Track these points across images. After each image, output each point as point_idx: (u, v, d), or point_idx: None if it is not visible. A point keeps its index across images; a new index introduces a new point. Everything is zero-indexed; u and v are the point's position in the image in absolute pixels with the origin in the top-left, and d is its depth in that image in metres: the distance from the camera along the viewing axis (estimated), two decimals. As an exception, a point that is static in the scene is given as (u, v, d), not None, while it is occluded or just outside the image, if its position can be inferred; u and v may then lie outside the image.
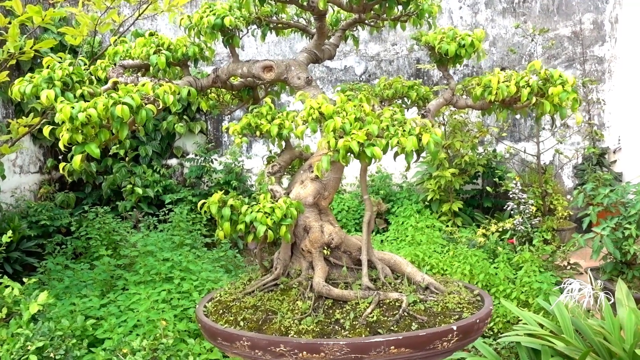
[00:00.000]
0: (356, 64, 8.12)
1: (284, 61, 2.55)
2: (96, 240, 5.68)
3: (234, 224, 2.19)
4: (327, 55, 2.73)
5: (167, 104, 2.19)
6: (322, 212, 2.56)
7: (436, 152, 2.04)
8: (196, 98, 2.49)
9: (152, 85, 2.20)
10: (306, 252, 2.51)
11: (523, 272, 4.92)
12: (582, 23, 7.84)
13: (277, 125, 2.42)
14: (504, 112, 2.39)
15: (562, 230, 7.05)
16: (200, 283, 4.47)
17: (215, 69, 2.63)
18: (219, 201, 2.16)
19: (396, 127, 2.07)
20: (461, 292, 2.55)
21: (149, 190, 7.46)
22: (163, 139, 8.11)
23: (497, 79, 2.26)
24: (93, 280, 4.56)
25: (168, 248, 5.22)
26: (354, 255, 2.59)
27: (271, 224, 2.13)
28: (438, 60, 2.50)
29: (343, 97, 2.22)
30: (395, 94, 2.78)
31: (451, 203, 7.04)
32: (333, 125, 2.06)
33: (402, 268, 2.57)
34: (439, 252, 5.82)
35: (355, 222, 7.14)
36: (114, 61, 2.65)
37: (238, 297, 2.53)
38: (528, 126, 7.97)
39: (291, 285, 2.48)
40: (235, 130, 2.50)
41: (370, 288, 2.39)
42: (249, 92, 2.85)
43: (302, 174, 2.57)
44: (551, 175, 7.35)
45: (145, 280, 4.50)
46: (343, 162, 2.08)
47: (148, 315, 3.64)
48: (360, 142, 2.01)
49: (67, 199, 7.24)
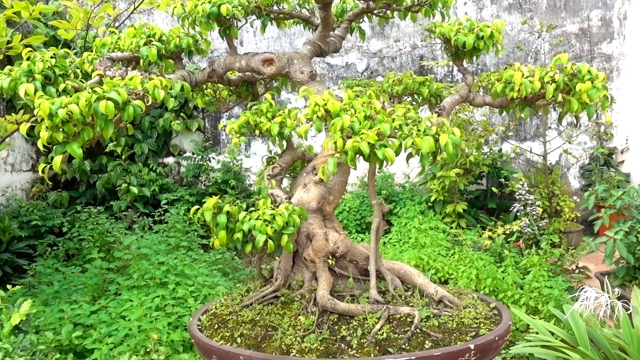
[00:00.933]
0: (358, 60, 7.91)
1: (285, 54, 2.34)
2: (89, 242, 5.47)
3: (230, 232, 1.98)
4: (332, 48, 2.52)
5: (157, 100, 1.99)
6: (327, 218, 2.35)
7: (454, 154, 1.84)
8: (190, 94, 2.29)
9: (141, 79, 2.00)
10: (309, 261, 2.31)
11: (531, 277, 4.74)
12: (590, 20, 7.64)
13: (278, 124, 2.21)
14: (525, 110, 2.18)
15: (569, 233, 6.86)
16: (197, 288, 4.27)
17: (212, 62, 2.43)
18: (214, 207, 1.96)
19: (410, 126, 1.87)
20: (477, 305, 2.36)
21: (145, 189, 7.25)
22: (159, 137, 7.90)
23: (520, 74, 2.05)
24: (84, 285, 4.35)
25: (163, 251, 5.01)
26: (361, 265, 2.39)
27: (272, 232, 1.93)
28: (454, 54, 2.29)
29: (351, 94, 2.02)
30: (405, 90, 2.57)
31: (455, 204, 6.84)
32: (340, 124, 1.86)
33: (413, 279, 2.37)
34: (443, 255, 5.63)
35: (357, 224, 6.93)
36: (101, 53, 2.45)
37: (235, 309, 2.33)
38: (534, 125, 7.77)
39: (293, 297, 2.28)
40: (232, 129, 2.30)
41: (379, 301, 2.19)
42: (248, 88, 2.64)
43: (305, 176, 2.37)
44: (558, 175, 7.15)
45: (139, 285, 4.30)
46: (351, 165, 1.88)
47: (140, 324, 3.43)
48: (371, 142, 1.81)
49: (60, 198, 7.03)
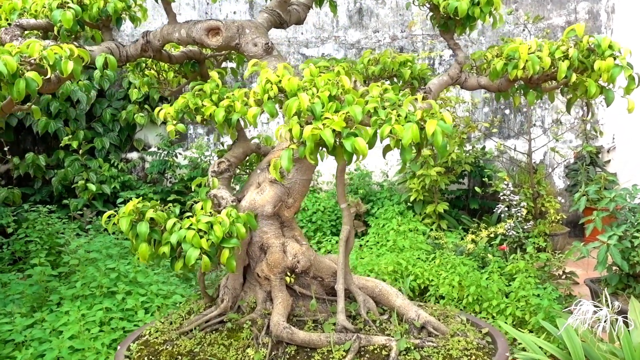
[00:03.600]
0: (334, 51, 7.48)
1: (235, 22, 1.89)
2: (36, 244, 4.96)
3: (156, 245, 1.54)
4: (295, 18, 2.07)
5: (63, 74, 1.53)
6: (285, 225, 1.92)
7: (444, 146, 1.42)
8: (116, 70, 1.84)
9: (42, 46, 1.54)
10: (263, 278, 1.87)
11: (518, 284, 4.37)
12: (577, 12, 7.32)
13: (225, 108, 1.77)
14: (530, 94, 1.76)
15: (555, 235, 6.52)
16: (149, 298, 3.81)
17: (146, 32, 1.97)
18: (134, 212, 1.51)
19: (388, 110, 1.44)
20: (466, 331, 1.94)
21: (105, 186, 6.74)
22: (122, 131, 7.39)
23: (526, 48, 1.63)
24: (21, 295, 3.86)
25: (116, 255, 4.53)
26: (327, 282, 1.96)
27: (207, 246, 1.48)
28: (442, 25, 1.87)
29: (313, 69, 1.58)
30: (382, 71, 2.14)
31: (436, 204, 6.47)
32: (297, 106, 1.42)
33: (390, 300, 1.95)
34: (423, 259, 5.24)
35: (332, 225, 6.50)
36: (11, 20, 1.98)
37: (171, 337, 1.88)
38: (518, 122, 7.43)
39: (242, 324, 1.84)
40: (168, 113, 1.85)
41: (348, 329, 1.76)
42: (194, 67, 2.19)
43: (259, 174, 1.93)
44: (543, 175, 6.81)
45: (84, 294, 3.83)
46: (310, 160, 1.44)
47: (74, 343, 2.96)
48: (337, 130, 1.38)
49: (11, 195, 6.48)
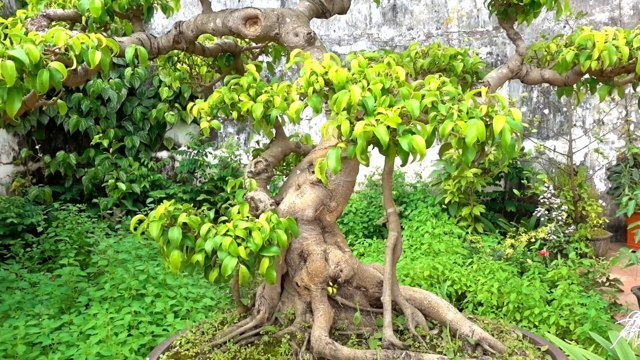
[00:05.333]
0: (367, 49, 7.31)
1: (275, 10, 1.76)
2: (65, 244, 4.91)
3: (189, 253, 1.41)
4: (338, 7, 1.92)
5: (91, 66, 1.41)
6: (327, 230, 1.77)
7: (512, 145, 1.26)
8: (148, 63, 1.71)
9: (68, 35, 1.42)
10: (303, 288, 1.73)
11: (561, 292, 4.17)
12: (621, 8, 7.02)
13: (263, 103, 1.63)
14: (602, 89, 1.59)
15: (596, 240, 6.25)
16: (178, 301, 3.70)
17: (179, 22, 1.85)
18: (165, 216, 1.38)
19: (449, 104, 1.28)
20: (525, 349, 1.77)
21: (135, 185, 6.69)
22: (152, 129, 7.34)
23: (602, 37, 1.46)
24: (49, 295, 3.79)
25: (145, 256, 4.44)
26: (372, 292, 1.80)
27: (246, 255, 1.34)
28: (501, 12, 1.70)
29: (362, 60, 1.43)
30: (432, 64, 1.98)
31: (472, 207, 6.25)
32: (347, 100, 1.27)
33: (441, 313, 1.78)
34: (460, 264, 5.04)
35: (364, 227, 6.33)
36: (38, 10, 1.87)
37: (203, 349, 1.75)
38: (557, 122, 7.17)
39: (280, 337, 1.70)
40: (201, 109, 1.72)
41: (396, 345, 1.61)
42: (229, 61, 2.06)
43: (299, 175, 1.78)
44: (584, 177, 6.55)
45: (113, 296, 3.75)
46: (361, 160, 1.29)
47: (101, 349, 2.86)
48: (392, 127, 1.22)
49: (41, 194, 6.48)
